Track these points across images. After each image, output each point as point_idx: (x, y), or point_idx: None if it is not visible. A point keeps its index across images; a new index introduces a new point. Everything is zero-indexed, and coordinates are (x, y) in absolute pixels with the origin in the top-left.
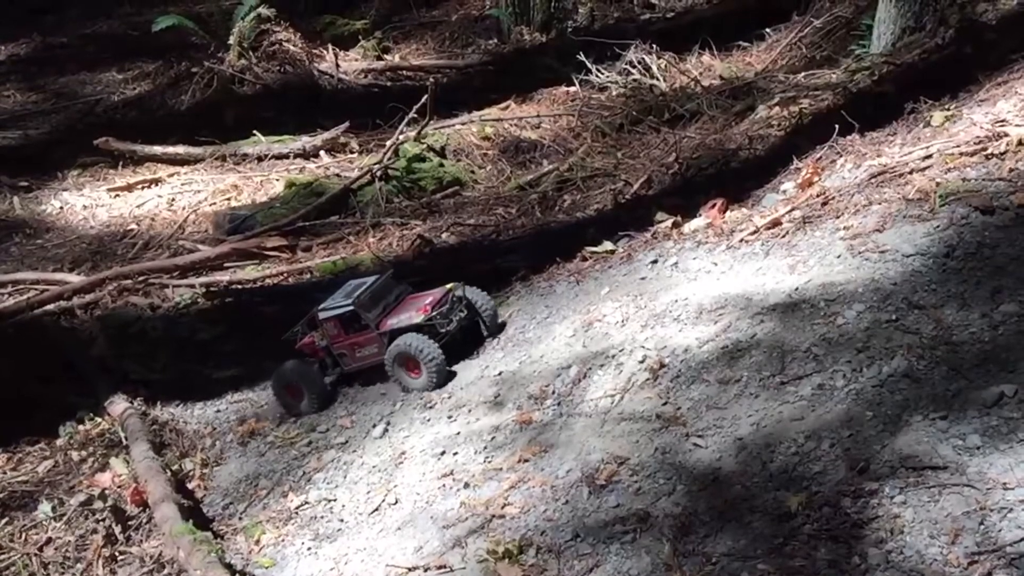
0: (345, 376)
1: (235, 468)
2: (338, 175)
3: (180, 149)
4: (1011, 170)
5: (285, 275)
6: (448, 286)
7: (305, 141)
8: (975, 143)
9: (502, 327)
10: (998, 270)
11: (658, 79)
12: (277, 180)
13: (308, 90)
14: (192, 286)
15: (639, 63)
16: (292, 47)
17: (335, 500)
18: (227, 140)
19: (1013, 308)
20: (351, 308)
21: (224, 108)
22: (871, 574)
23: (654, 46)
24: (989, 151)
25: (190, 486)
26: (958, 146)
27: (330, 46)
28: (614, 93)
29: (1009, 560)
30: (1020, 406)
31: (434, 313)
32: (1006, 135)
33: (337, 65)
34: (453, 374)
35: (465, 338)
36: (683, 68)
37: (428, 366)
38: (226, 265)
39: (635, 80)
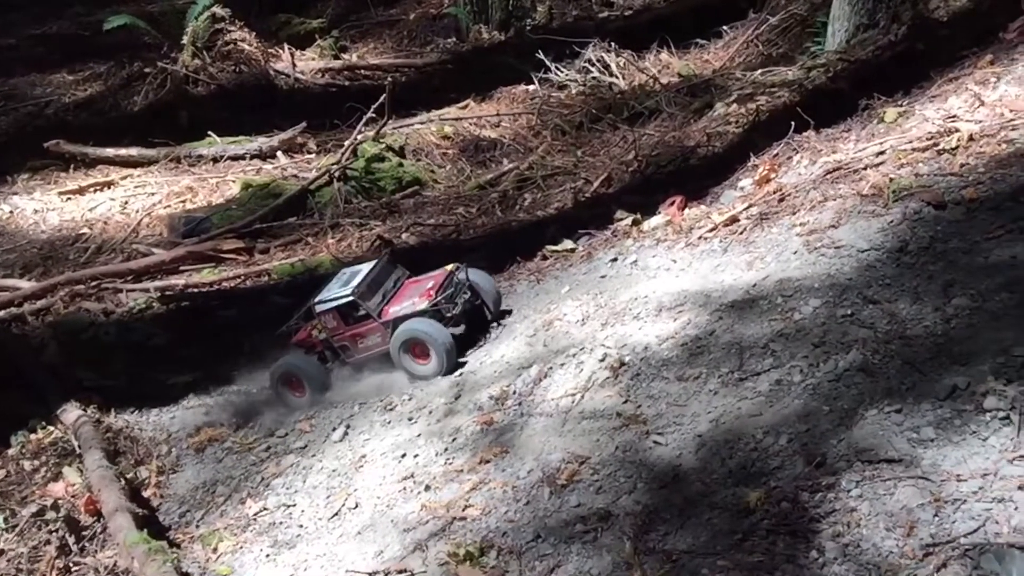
0: (348, 368)
1: (192, 475)
2: (296, 176)
3: (133, 151)
4: (962, 165)
5: (242, 278)
6: (449, 268)
7: (261, 142)
8: (927, 139)
9: (507, 312)
10: (950, 264)
11: (617, 77)
12: (233, 182)
13: (264, 90)
14: (146, 290)
15: (598, 61)
16: (247, 47)
17: (294, 506)
18: (181, 141)
19: (965, 302)
20: (350, 298)
21: (178, 109)
22: (828, 568)
23: (613, 44)
24: (941, 147)
25: (145, 494)
26: (910, 142)
27: (286, 45)
28: (573, 91)
29: (963, 551)
30: (972, 398)
31: (439, 298)
32: (957, 131)
33: (293, 65)
34: (464, 362)
35: (470, 322)
36: (642, 66)
37: (438, 351)
38: (181, 269)
39: (594, 78)
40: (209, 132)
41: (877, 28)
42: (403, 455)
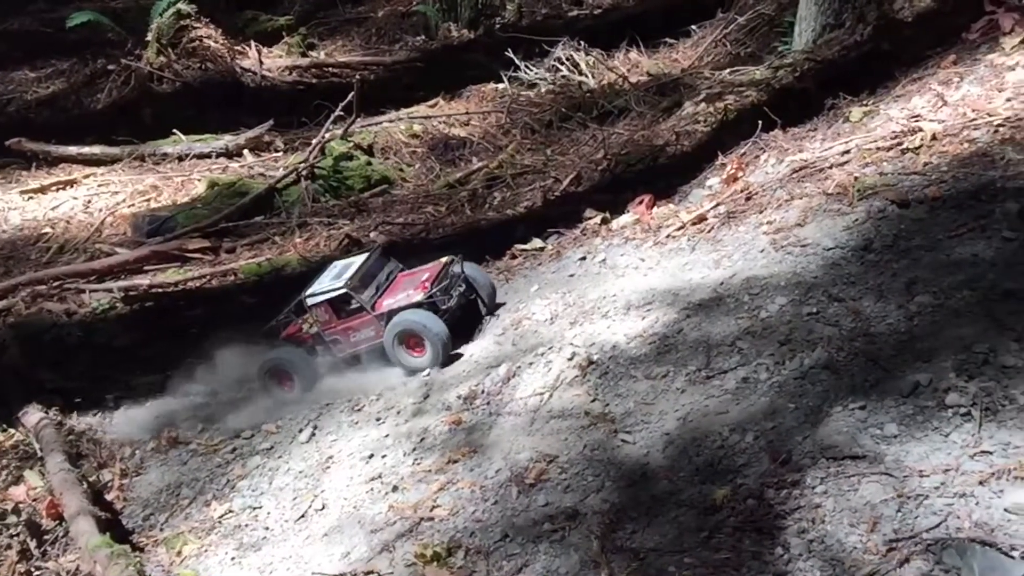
0: (341, 362)
1: (156, 478)
2: (262, 174)
3: (96, 149)
4: (925, 164)
5: (208, 278)
6: (443, 260)
7: (228, 140)
8: (891, 138)
9: (500, 305)
10: (913, 262)
11: (586, 76)
12: (199, 180)
13: (230, 88)
14: (110, 291)
15: (567, 60)
16: (213, 44)
17: (260, 508)
18: (146, 140)
19: (927, 299)
20: (343, 291)
21: (142, 107)
22: (794, 564)
23: (582, 43)
24: (904, 146)
25: (108, 497)
26: (875, 141)
27: (253, 43)
28: (543, 90)
29: (926, 546)
30: (935, 395)
31: (434, 290)
32: (921, 130)
33: (260, 62)
34: (459, 355)
35: (464, 315)
36: (611, 65)
37: (433, 343)
38: (146, 269)
39: (564, 77)
40: (174, 130)
41: (843, 28)
42: (371, 456)
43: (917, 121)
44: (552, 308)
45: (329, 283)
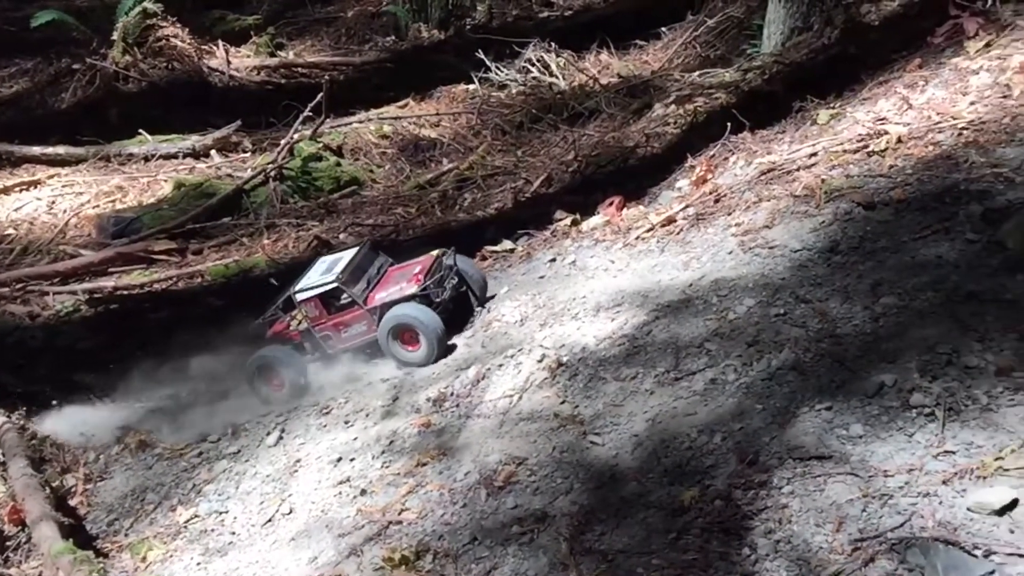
0: (330, 359)
1: (120, 482)
2: (230, 175)
3: (61, 150)
4: (891, 167)
5: (174, 280)
6: (434, 253)
7: (195, 140)
8: (858, 141)
9: (491, 298)
10: (879, 264)
11: (557, 77)
12: (165, 181)
13: (197, 87)
14: (74, 293)
15: (538, 61)
16: (180, 43)
17: (226, 512)
18: (111, 140)
19: (892, 300)
20: (334, 285)
21: (108, 106)
22: (761, 564)
23: (553, 44)
24: (871, 148)
25: (72, 503)
26: (842, 144)
27: (220, 42)
28: (513, 91)
29: (890, 545)
30: (899, 395)
31: (428, 282)
32: (886, 133)
33: (228, 62)
34: (453, 347)
35: (456, 308)
36: (582, 66)
37: (428, 337)
38: (111, 271)
39: (534, 78)
40: (140, 130)
41: (811, 31)
42: (339, 459)
43: (883, 124)
44: (522, 310)
45: (319, 278)
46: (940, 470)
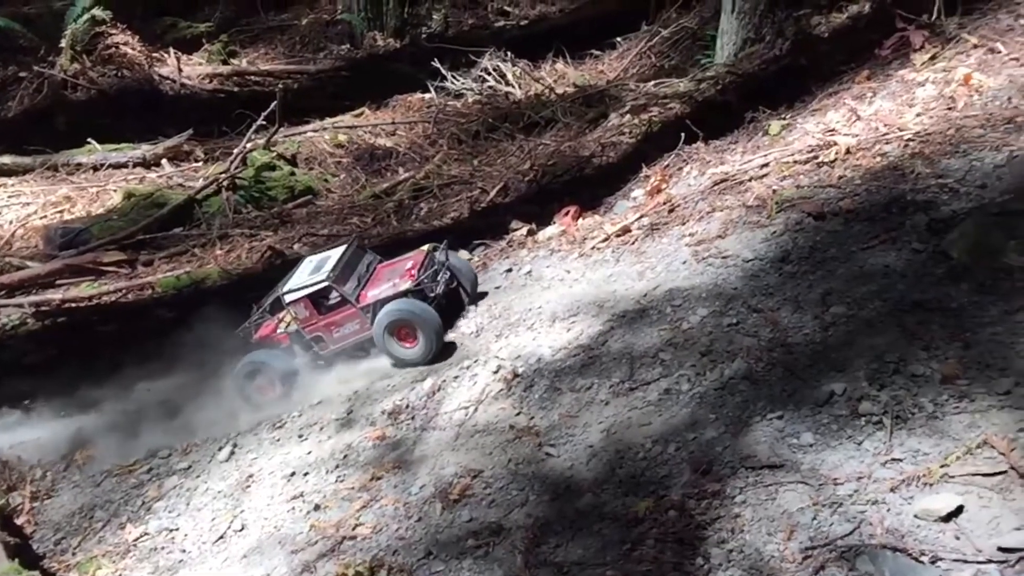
0: (321, 360)
1: (68, 500)
2: (182, 185)
3: (7, 159)
4: (840, 177)
5: (124, 292)
6: (425, 248)
7: (145, 149)
8: (808, 152)
9: (483, 295)
10: (828, 274)
11: (513, 86)
12: (115, 191)
13: (148, 95)
14: (20, 306)
15: (494, 70)
16: (130, 50)
17: (177, 529)
18: (59, 149)
19: (841, 310)
20: (325, 284)
21: (56, 115)
22: (714, 574)
23: (509, 53)
24: (820, 159)
25: (18, 521)
26: (793, 155)
27: (171, 49)
28: (470, 100)
29: (840, 553)
30: (849, 404)
31: (422, 277)
32: (835, 144)
33: (179, 69)
34: (452, 345)
35: (448, 304)
36: (538, 76)
37: (427, 333)
38: (58, 282)
39: (491, 87)
40: (89, 139)
41: (763, 42)
42: (292, 473)
43: (832, 135)
44: (478, 320)
45: (307, 278)
46: (888, 478)
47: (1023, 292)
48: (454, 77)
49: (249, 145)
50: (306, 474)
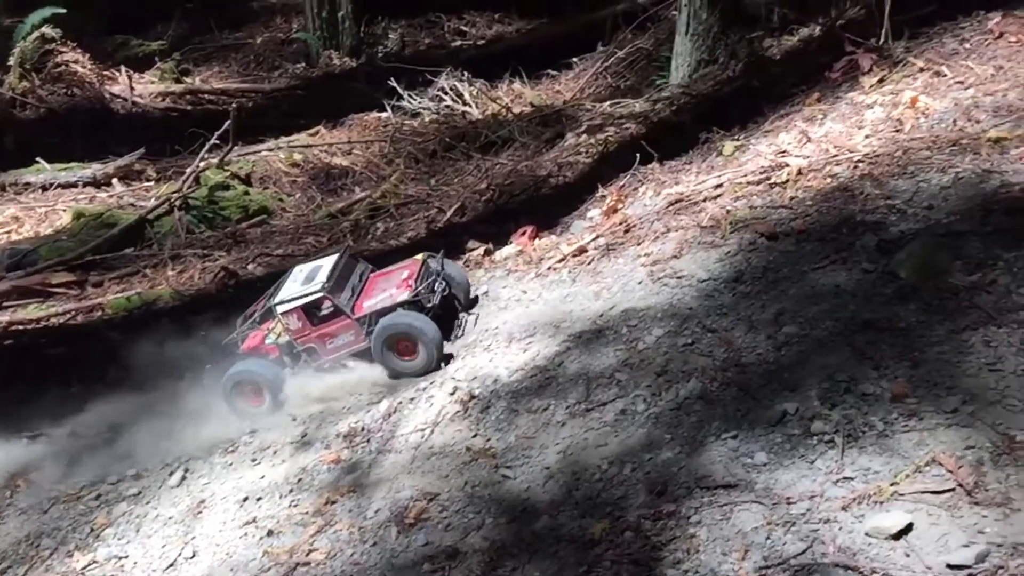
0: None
1: (14, 528)
2: (133, 205)
3: None
4: (792, 198)
5: (73, 313)
6: (419, 257)
7: (96, 169)
8: (761, 173)
9: (475, 302)
10: (781, 293)
11: (470, 106)
12: (64, 211)
13: (99, 114)
14: None
15: (451, 90)
16: (80, 68)
17: (126, 557)
18: (7, 168)
19: (794, 329)
20: (320, 294)
21: (4, 133)
22: None
23: (466, 73)
24: (773, 180)
25: None
26: (746, 175)
27: (123, 68)
28: (426, 119)
29: (793, 572)
30: (801, 423)
31: (420, 287)
32: (787, 165)
33: (131, 88)
34: (450, 356)
35: (443, 314)
36: (495, 95)
37: (427, 346)
38: (5, 305)
39: (447, 107)
40: (38, 158)
41: (716, 64)
42: (245, 499)
43: (784, 156)
44: None
45: (300, 288)
46: (840, 496)
47: (969, 311)
48: (411, 97)
49: (202, 164)
50: (259, 499)
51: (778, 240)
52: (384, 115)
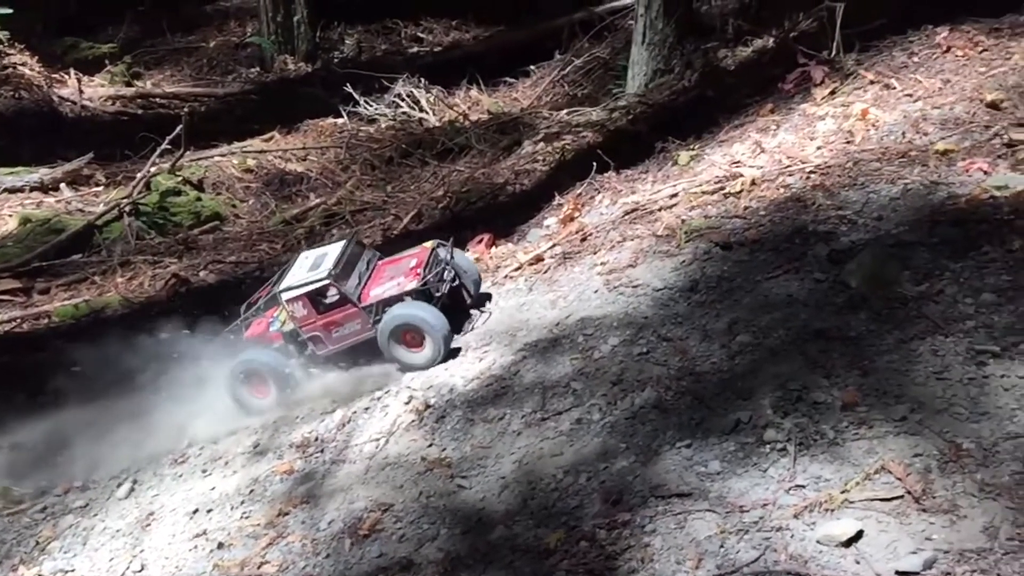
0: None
1: None
2: (81, 210)
3: None
4: (746, 208)
5: (18, 321)
6: (427, 245)
7: (43, 173)
8: (715, 182)
9: (487, 297)
10: (735, 303)
11: (427, 113)
12: (10, 216)
13: (47, 118)
14: None
15: (408, 96)
16: (28, 71)
17: (73, 571)
18: None
19: (748, 338)
20: (326, 281)
21: None
22: None
23: (423, 80)
24: (727, 190)
25: None
26: (700, 185)
27: (72, 70)
28: (383, 126)
29: None
30: (754, 431)
31: (428, 276)
32: (741, 175)
33: (80, 91)
34: (457, 350)
35: (451, 304)
36: (452, 102)
37: (435, 338)
38: None
39: (404, 113)
40: None
41: (672, 74)
42: (195, 510)
43: (738, 167)
44: None
45: (306, 275)
46: (792, 504)
47: (917, 321)
48: (367, 103)
49: (153, 169)
50: (210, 511)
51: (732, 250)
52: (340, 121)
